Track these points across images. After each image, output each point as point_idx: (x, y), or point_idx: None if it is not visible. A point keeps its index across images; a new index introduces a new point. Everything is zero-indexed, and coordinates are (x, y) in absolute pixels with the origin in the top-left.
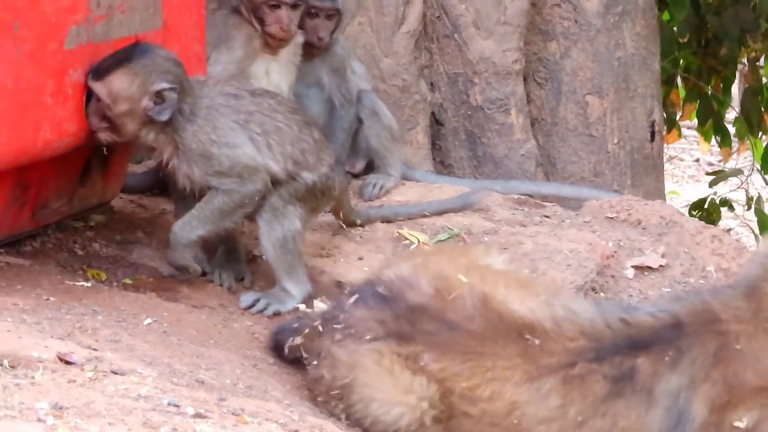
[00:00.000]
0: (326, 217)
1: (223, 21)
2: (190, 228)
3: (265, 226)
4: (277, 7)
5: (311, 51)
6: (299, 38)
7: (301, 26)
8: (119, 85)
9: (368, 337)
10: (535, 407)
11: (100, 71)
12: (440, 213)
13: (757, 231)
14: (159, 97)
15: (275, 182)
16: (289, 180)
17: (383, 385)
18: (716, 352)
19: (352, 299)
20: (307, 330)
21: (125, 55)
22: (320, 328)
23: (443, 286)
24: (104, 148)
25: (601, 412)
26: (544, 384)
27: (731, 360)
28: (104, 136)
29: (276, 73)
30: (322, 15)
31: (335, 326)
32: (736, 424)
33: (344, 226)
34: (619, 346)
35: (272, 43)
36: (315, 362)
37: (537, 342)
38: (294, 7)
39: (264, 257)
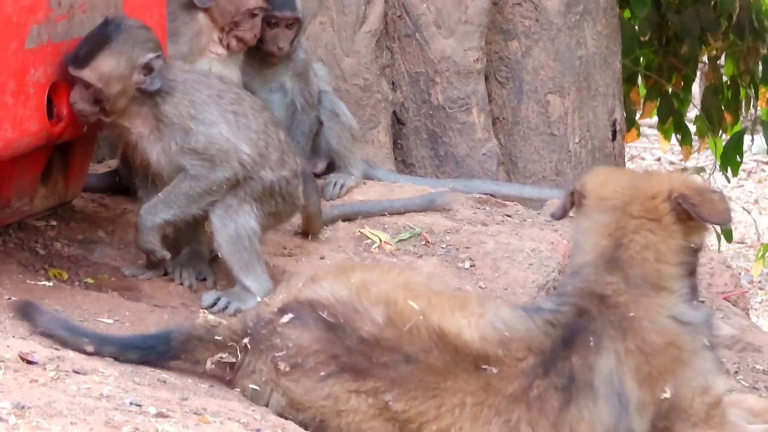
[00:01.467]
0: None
1: (172, 16)
2: (155, 211)
3: (218, 222)
4: (256, 15)
5: (272, 58)
6: None
7: (261, 36)
8: (107, 67)
9: (322, 374)
10: None
11: (81, 58)
12: (402, 212)
13: (718, 229)
14: (147, 68)
15: (240, 179)
16: (247, 178)
17: (351, 425)
18: (620, 324)
19: (286, 319)
20: (230, 343)
21: (102, 37)
22: (247, 345)
23: (394, 313)
24: (64, 147)
25: (560, 425)
26: (511, 414)
27: (634, 328)
28: (93, 119)
29: (218, 72)
30: (282, 24)
31: (274, 351)
32: (663, 396)
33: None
34: (556, 351)
35: (235, 47)
36: (253, 386)
37: (495, 370)
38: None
39: (219, 254)
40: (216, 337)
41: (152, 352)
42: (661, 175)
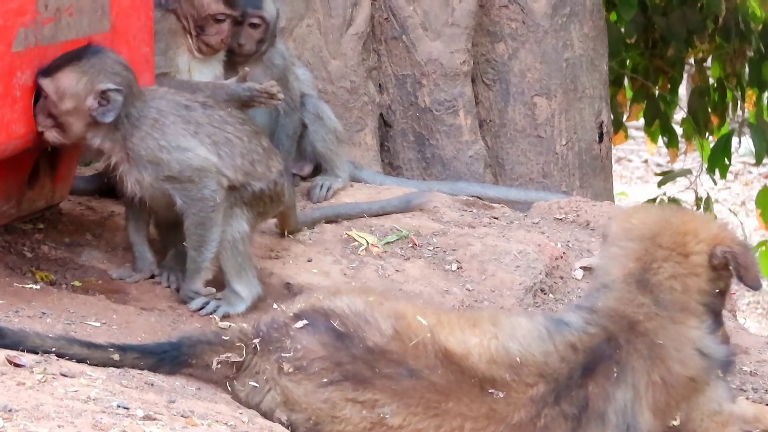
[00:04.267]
0: (275, 220)
1: None
2: (196, 278)
3: None
4: (221, 21)
5: (235, 57)
6: None
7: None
8: (66, 82)
9: (324, 380)
10: None
11: (50, 69)
12: (382, 213)
13: None
14: (104, 97)
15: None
16: (238, 188)
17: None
18: (649, 354)
19: (300, 324)
20: (238, 344)
21: (76, 55)
22: (257, 346)
23: (402, 327)
24: (51, 149)
25: None
26: None
27: (662, 357)
28: (51, 136)
29: (197, 71)
30: (245, 22)
31: (282, 353)
32: (672, 423)
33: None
34: (572, 379)
35: (204, 51)
36: (253, 383)
37: (501, 395)
38: (233, 20)
39: None
40: (224, 338)
41: (167, 357)
42: (695, 215)
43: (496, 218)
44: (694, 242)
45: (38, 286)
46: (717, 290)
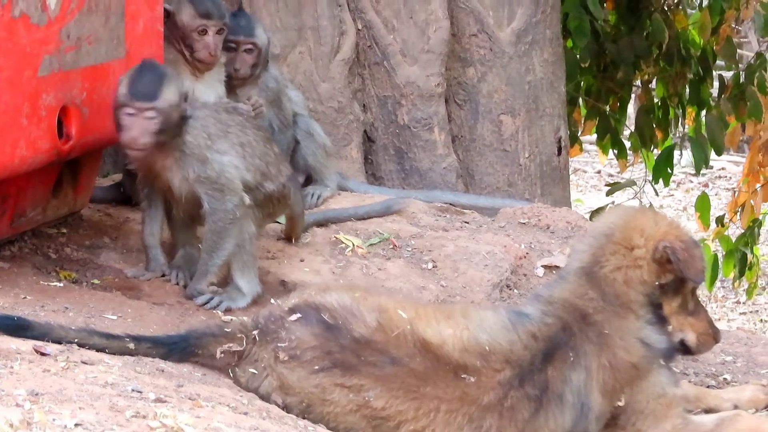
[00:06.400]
0: (272, 225)
1: None
2: (203, 278)
3: None
4: (204, 33)
5: (232, 80)
6: (222, 58)
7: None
8: (171, 95)
9: (316, 368)
10: None
11: (148, 92)
12: (366, 217)
13: None
14: (186, 97)
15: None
16: (253, 189)
17: (331, 415)
18: (598, 340)
19: (294, 317)
20: (239, 335)
21: (157, 71)
22: (256, 337)
23: (385, 320)
24: (72, 163)
25: (527, 431)
26: (483, 422)
27: (608, 344)
28: (144, 155)
29: (201, 93)
30: (240, 49)
31: (278, 342)
32: (618, 404)
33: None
34: (534, 364)
35: (200, 68)
36: (252, 370)
37: (472, 379)
38: (219, 32)
39: None
40: (226, 330)
41: (176, 347)
42: (649, 215)
43: (467, 223)
44: (638, 237)
45: (62, 284)
46: (658, 283)
